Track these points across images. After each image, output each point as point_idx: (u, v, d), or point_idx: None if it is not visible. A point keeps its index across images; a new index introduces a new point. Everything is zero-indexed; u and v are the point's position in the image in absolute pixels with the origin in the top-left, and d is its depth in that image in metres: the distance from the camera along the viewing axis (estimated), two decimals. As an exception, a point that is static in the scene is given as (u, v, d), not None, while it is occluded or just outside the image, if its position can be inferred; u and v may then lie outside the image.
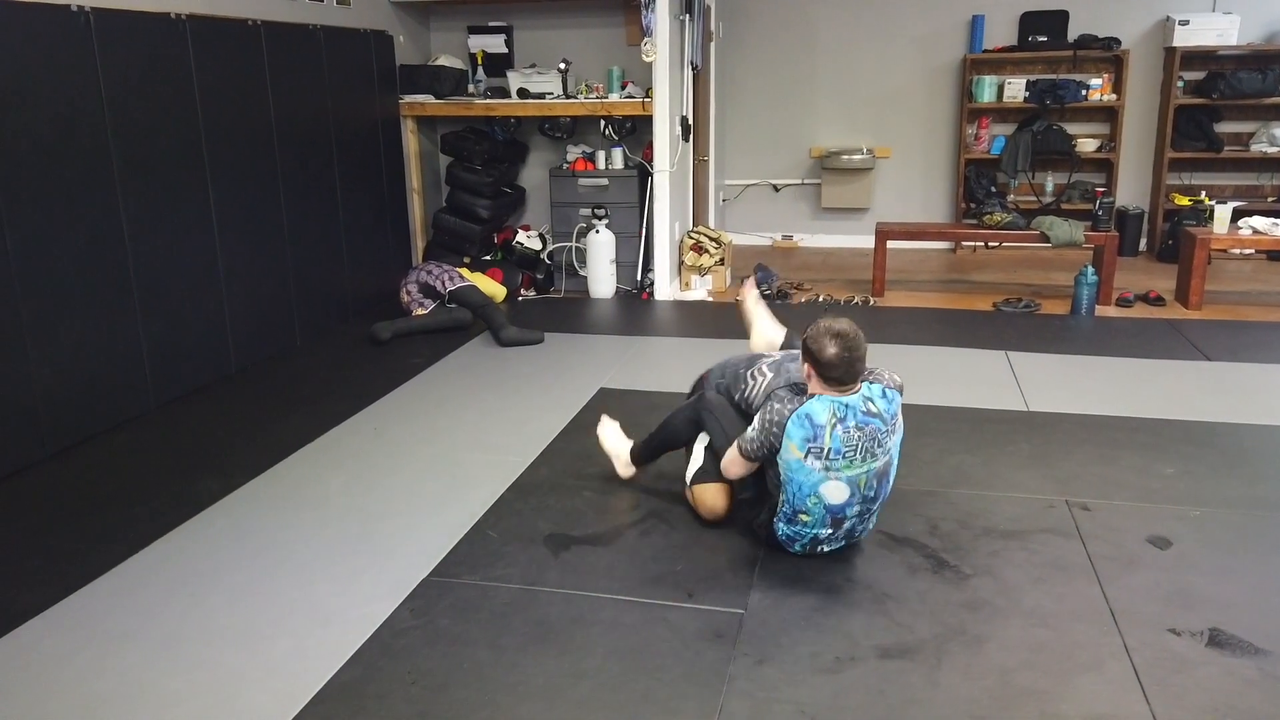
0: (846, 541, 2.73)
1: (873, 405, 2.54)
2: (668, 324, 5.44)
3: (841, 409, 2.51)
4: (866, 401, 2.54)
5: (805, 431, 2.51)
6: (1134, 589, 2.56)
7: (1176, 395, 4.05)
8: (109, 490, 3.28)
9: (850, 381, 2.55)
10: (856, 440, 2.51)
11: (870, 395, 2.56)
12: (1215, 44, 6.71)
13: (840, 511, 2.60)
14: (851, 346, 2.50)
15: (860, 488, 2.57)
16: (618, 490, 3.23)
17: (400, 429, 3.81)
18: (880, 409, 2.55)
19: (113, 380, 3.85)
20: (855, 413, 2.52)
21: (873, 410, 2.53)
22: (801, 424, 2.51)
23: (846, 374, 2.53)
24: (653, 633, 2.40)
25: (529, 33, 6.42)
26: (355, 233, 5.52)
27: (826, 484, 2.54)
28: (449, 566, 2.73)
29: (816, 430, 2.50)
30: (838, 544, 2.71)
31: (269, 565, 2.75)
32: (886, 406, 2.56)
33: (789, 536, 2.69)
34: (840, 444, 2.51)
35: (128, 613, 2.51)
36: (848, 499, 2.57)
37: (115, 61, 3.77)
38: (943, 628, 2.40)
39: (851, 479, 2.55)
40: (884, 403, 2.56)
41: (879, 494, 2.64)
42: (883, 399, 2.57)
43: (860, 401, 2.53)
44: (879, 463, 2.56)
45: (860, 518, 2.66)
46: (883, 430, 2.54)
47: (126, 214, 3.86)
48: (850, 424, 2.51)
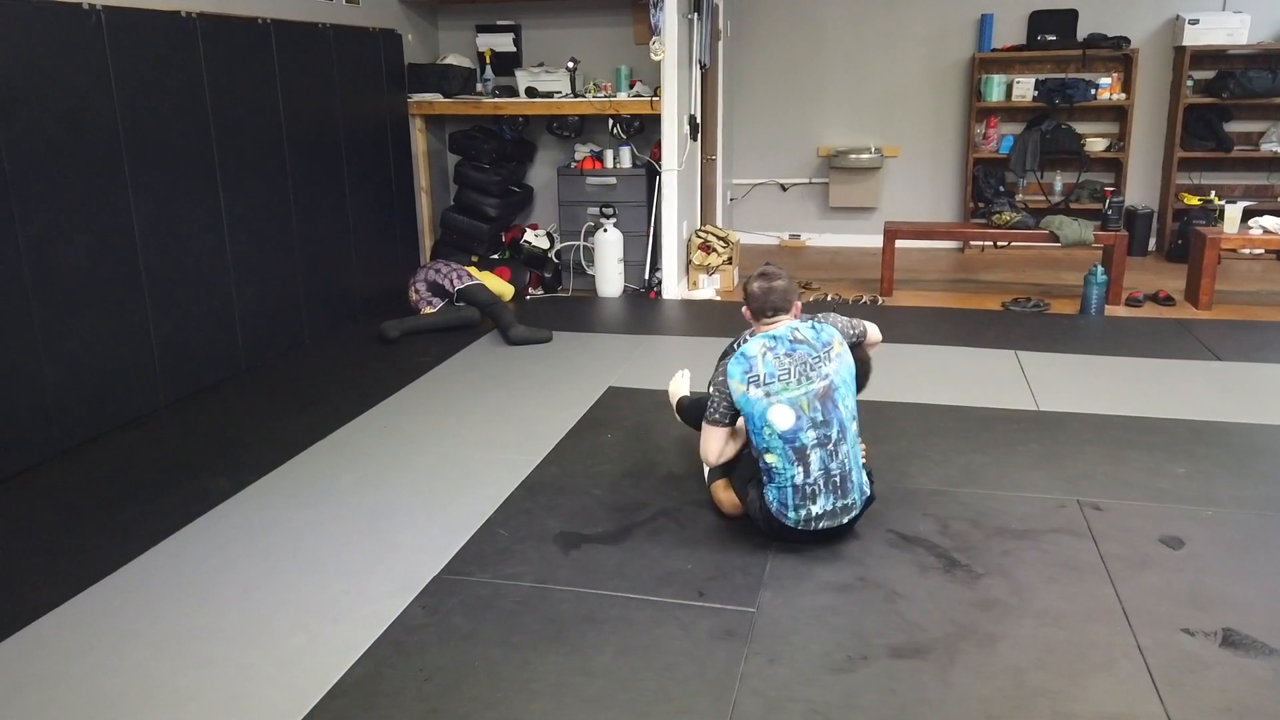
0: (834, 502, 2.71)
1: (799, 333, 2.77)
2: (675, 323, 5.43)
3: (770, 340, 2.76)
4: (794, 331, 2.78)
5: (743, 366, 2.75)
6: (1147, 589, 2.55)
7: (1187, 395, 4.04)
8: (120, 487, 3.29)
9: (776, 313, 2.86)
10: (788, 365, 2.72)
11: (797, 326, 2.81)
12: (1225, 43, 6.68)
13: (794, 438, 2.69)
14: (769, 278, 2.87)
15: (805, 410, 2.69)
16: (627, 489, 3.23)
17: (410, 427, 3.81)
18: (807, 336, 2.77)
19: (123, 378, 3.86)
20: (783, 342, 2.75)
21: (799, 338, 2.76)
22: (739, 361, 2.77)
23: (767, 303, 2.85)
24: (664, 631, 2.39)
25: (537, 31, 6.42)
26: (363, 231, 5.53)
27: (771, 409, 2.70)
28: (460, 564, 2.74)
29: (750, 362, 2.74)
30: (826, 503, 2.71)
31: (280, 562, 2.76)
32: (815, 335, 2.78)
33: (779, 504, 2.73)
34: (773, 368, 2.72)
35: (139, 610, 2.52)
36: (795, 423, 2.69)
37: (126, 60, 3.78)
38: (955, 627, 2.39)
39: (792, 400, 2.70)
40: (811, 332, 2.79)
41: (831, 418, 2.71)
42: (810, 329, 2.80)
43: (787, 332, 2.78)
44: (815, 385, 2.72)
45: (825, 450, 2.70)
46: (812, 355, 2.74)
47: (137, 212, 3.87)
48: (780, 351, 2.74)
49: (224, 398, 4.20)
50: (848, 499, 2.75)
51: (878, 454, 3.43)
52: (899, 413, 3.85)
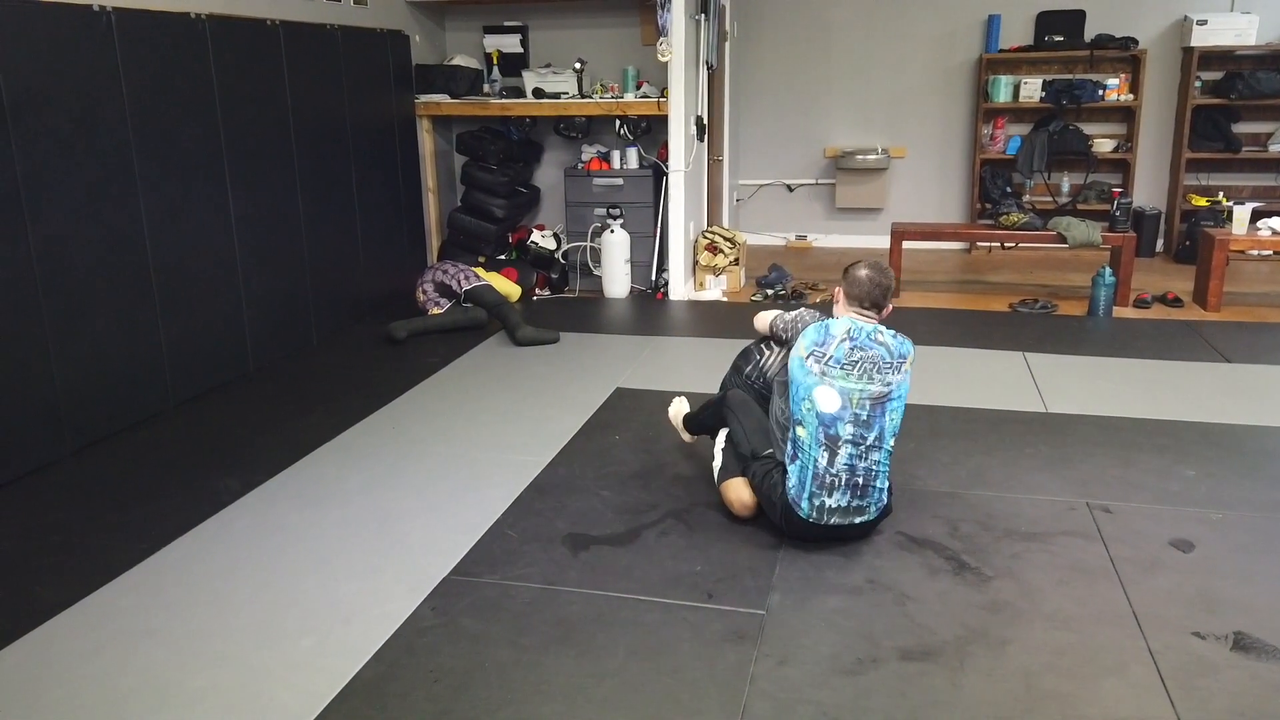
0: (850, 500, 2.73)
1: (882, 336, 2.76)
2: (682, 324, 5.44)
3: (856, 330, 2.75)
4: (878, 332, 2.76)
5: (817, 336, 2.77)
6: (1157, 592, 2.55)
7: (1196, 397, 4.03)
8: (130, 488, 3.30)
9: (872, 307, 2.83)
10: (858, 359, 2.72)
11: (881, 329, 2.79)
12: (1233, 44, 6.67)
13: (832, 425, 2.71)
14: (881, 272, 2.82)
15: (852, 404, 2.71)
16: (636, 490, 3.23)
17: (418, 428, 3.82)
18: (888, 342, 2.75)
19: (133, 378, 3.87)
20: (866, 336, 2.74)
21: (880, 340, 2.75)
22: (818, 330, 2.78)
23: (869, 294, 2.81)
24: (674, 633, 2.40)
25: (544, 32, 6.42)
26: (371, 232, 5.54)
27: (820, 387, 2.72)
28: (469, 565, 2.74)
29: (827, 338, 2.75)
30: (842, 499, 2.72)
31: (290, 563, 2.77)
32: (897, 345, 2.76)
33: (797, 490, 2.74)
34: (842, 356, 2.72)
35: (151, 610, 2.53)
36: (839, 409, 2.71)
37: (136, 61, 3.79)
38: (964, 630, 2.39)
39: (845, 390, 2.71)
40: (894, 340, 2.77)
41: (873, 424, 2.72)
42: (895, 339, 2.78)
43: (874, 329, 2.77)
44: (874, 387, 2.72)
45: (857, 449, 2.71)
46: (885, 361, 2.73)
47: (147, 212, 3.88)
48: (858, 344, 2.73)
49: (232, 398, 4.21)
50: (864, 502, 2.75)
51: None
52: (908, 414, 3.79)
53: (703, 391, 4.13)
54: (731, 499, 2.97)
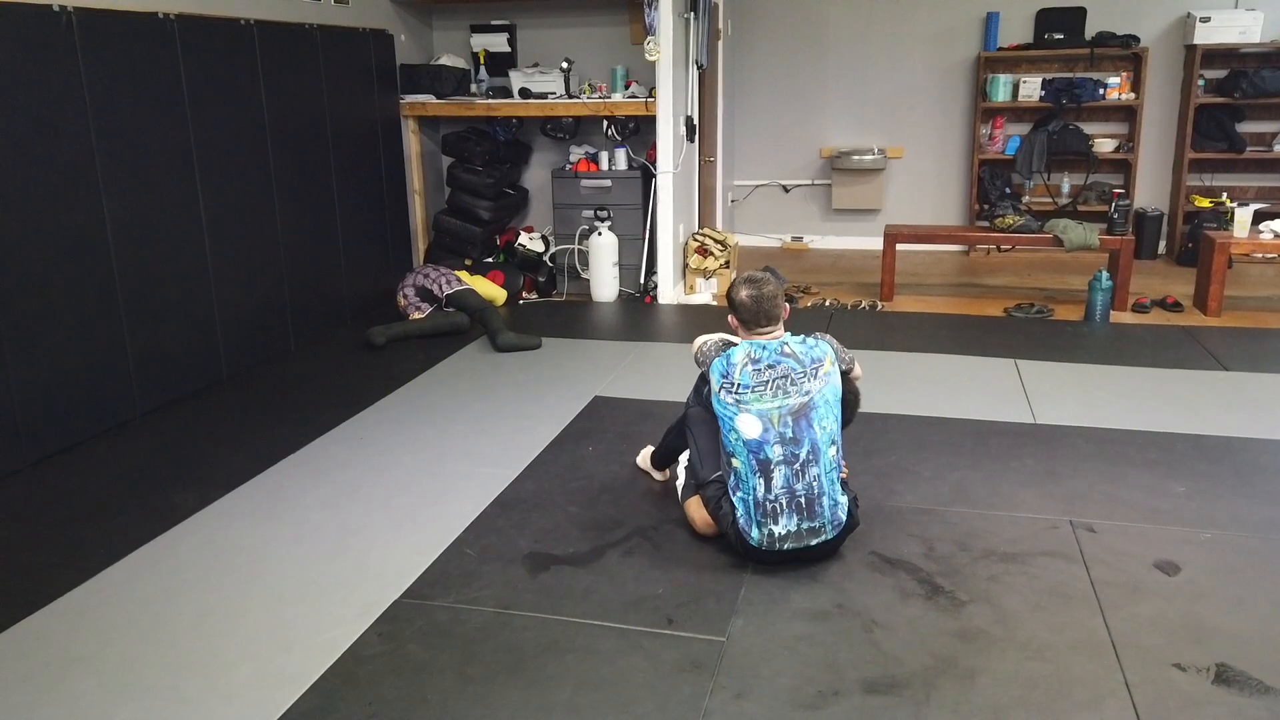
0: (799, 523, 2.61)
1: (789, 348, 2.69)
2: (669, 329, 5.32)
3: (758, 350, 2.69)
4: (783, 345, 2.70)
5: (721, 367, 2.70)
6: (1138, 619, 2.42)
7: (1190, 407, 3.90)
8: (84, 503, 3.21)
9: (766, 324, 2.76)
10: (767, 376, 2.65)
11: (788, 340, 2.72)
12: (1237, 41, 6.52)
13: (759, 449, 2.62)
14: (759, 288, 2.75)
15: (774, 423, 2.62)
16: (604, 506, 3.12)
17: (387, 438, 3.72)
18: (795, 351, 2.69)
19: (96, 387, 3.78)
20: (771, 353, 2.68)
21: (787, 352, 2.68)
22: (721, 362, 2.72)
23: (758, 314, 2.75)
24: (628, 662, 2.29)
25: (532, 31, 6.32)
26: (353, 235, 5.44)
27: (739, 416, 2.65)
28: (423, 587, 2.64)
29: (729, 367, 2.68)
30: (789, 523, 2.61)
31: (238, 584, 2.67)
32: (805, 351, 2.70)
33: (745, 519, 2.65)
34: (749, 380, 2.65)
35: (85, 636, 2.43)
36: (762, 433, 2.62)
37: (99, 63, 3.69)
38: (933, 659, 2.27)
39: (762, 413, 2.63)
40: (802, 347, 2.71)
41: (801, 438, 2.62)
42: (802, 344, 2.71)
43: (778, 344, 2.70)
44: (791, 400, 2.64)
45: (791, 469, 2.61)
46: (797, 371, 2.66)
47: (110, 217, 3.79)
48: (763, 364, 2.66)
49: (202, 407, 4.12)
50: (815, 522, 2.63)
51: (865, 469, 3.31)
52: (890, 425, 3.73)
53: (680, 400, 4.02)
54: (694, 516, 2.88)
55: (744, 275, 2.85)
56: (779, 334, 2.78)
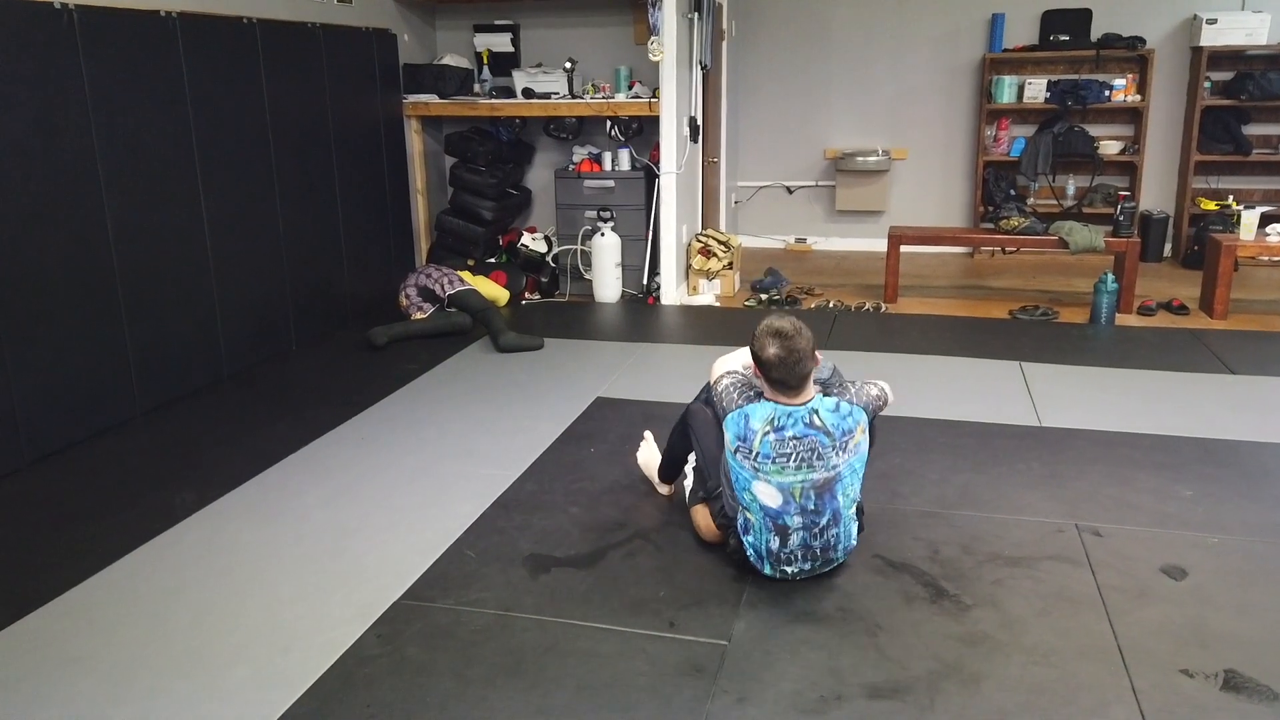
0: (813, 565, 2.56)
1: (818, 418, 2.46)
2: (672, 330, 5.30)
3: (782, 417, 2.45)
4: (813, 414, 2.45)
5: (738, 429, 2.50)
6: (1145, 624, 2.40)
7: (1197, 410, 3.87)
8: (82, 502, 3.19)
9: (795, 386, 2.46)
10: (791, 449, 2.44)
11: (819, 408, 2.47)
12: (1244, 43, 6.49)
13: (779, 517, 2.50)
14: (791, 347, 2.40)
15: (795, 497, 2.47)
16: (606, 507, 3.10)
17: (387, 438, 3.70)
18: (827, 423, 2.46)
19: (97, 386, 3.76)
20: (797, 422, 2.44)
21: (817, 424, 2.45)
22: (737, 422, 2.50)
23: (788, 376, 2.44)
24: (629, 665, 2.26)
25: (535, 31, 6.30)
26: (355, 235, 5.42)
27: (756, 482, 2.49)
28: (422, 588, 2.62)
29: (748, 432, 2.48)
30: (803, 565, 2.56)
31: (237, 585, 2.65)
32: (837, 422, 2.46)
33: (754, 551, 2.58)
34: (770, 450, 2.45)
35: (82, 636, 2.41)
36: (782, 504, 2.48)
37: (100, 61, 3.68)
38: (938, 664, 2.25)
39: (783, 485, 2.47)
40: (834, 417, 2.47)
41: (824, 509, 2.49)
42: (834, 413, 2.47)
43: (806, 413, 2.45)
44: (817, 474, 2.46)
45: (811, 532, 2.51)
46: (825, 445, 2.45)
47: (111, 216, 3.77)
48: (787, 434, 2.44)
49: (203, 406, 4.10)
50: (830, 561, 2.59)
51: (869, 472, 3.23)
52: (895, 427, 3.70)
53: (683, 402, 4.00)
54: (700, 524, 2.82)
55: (771, 325, 2.44)
56: (808, 397, 2.48)
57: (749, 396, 2.54)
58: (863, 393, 2.57)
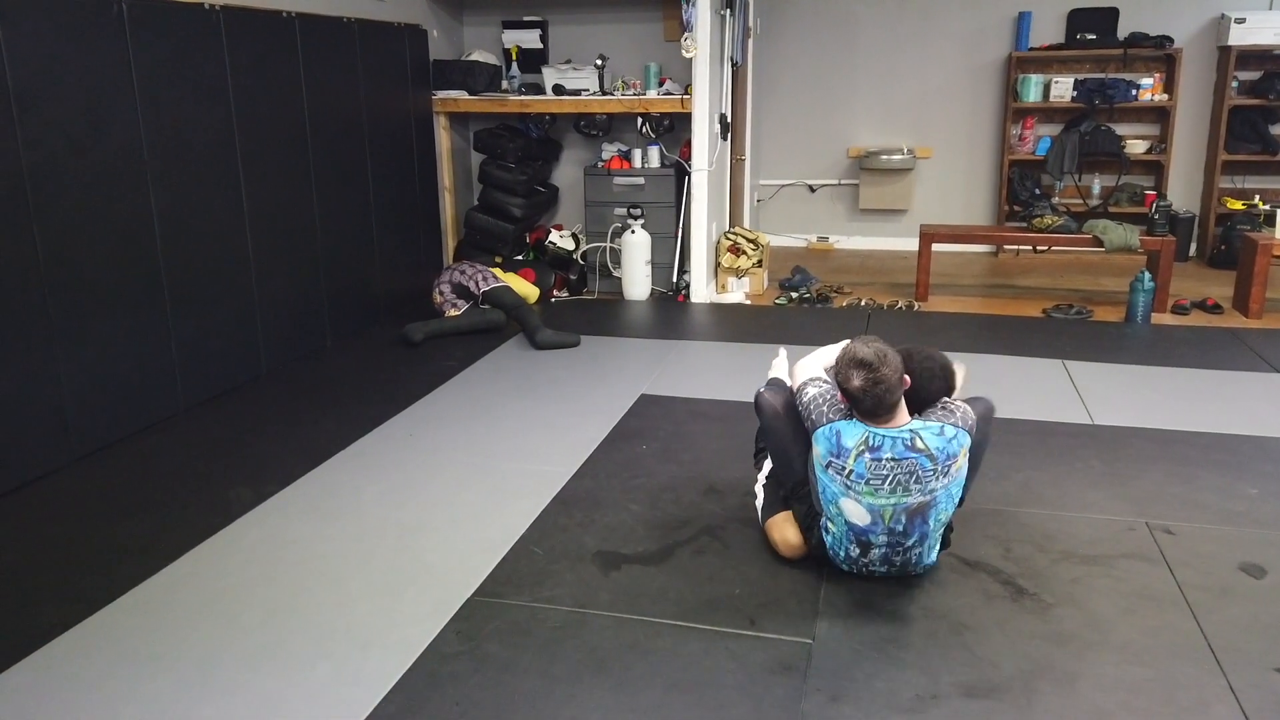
0: (891, 570, 2.52)
1: (920, 440, 2.33)
2: (705, 328, 5.27)
3: (877, 439, 2.35)
4: (914, 437, 2.33)
5: (830, 446, 2.42)
6: (1232, 622, 2.37)
7: (1247, 409, 3.85)
8: (137, 497, 3.15)
9: (884, 414, 2.35)
10: (889, 470, 2.34)
11: (921, 431, 2.34)
12: (1272, 43, 6.47)
13: (864, 535, 2.44)
14: (878, 379, 2.29)
15: (885, 519, 2.39)
16: (667, 504, 3.07)
17: (436, 435, 3.66)
18: (929, 446, 2.33)
19: (142, 381, 3.72)
20: (896, 444, 2.33)
21: (919, 446, 2.33)
22: (828, 439, 2.42)
23: (877, 407, 2.33)
24: (715, 664, 2.23)
25: (565, 28, 6.27)
26: (387, 231, 5.39)
27: (845, 499, 2.42)
28: (494, 585, 2.58)
29: (841, 450, 2.39)
30: (883, 569, 2.52)
31: (304, 581, 2.61)
32: (941, 445, 2.34)
33: (831, 547, 2.54)
34: (865, 470, 2.36)
35: (157, 632, 2.37)
36: (869, 524, 2.41)
37: (148, 53, 3.65)
38: (1029, 663, 2.22)
39: (873, 507, 2.39)
40: (937, 440, 2.34)
41: (912, 531, 2.42)
42: (937, 436, 2.34)
43: (907, 434, 2.34)
44: (912, 499, 2.36)
45: (893, 550, 2.45)
46: (927, 469, 2.33)
47: (158, 210, 3.73)
48: (885, 455, 2.34)
49: (244, 402, 4.06)
50: (912, 572, 2.55)
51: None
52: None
53: (729, 399, 3.98)
54: (776, 540, 2.68)
55: (855, 354, 2.31)
56: (903, 420, 2.36)
57: (841, 411, 2.45)
58: (968, 416, 2.45)
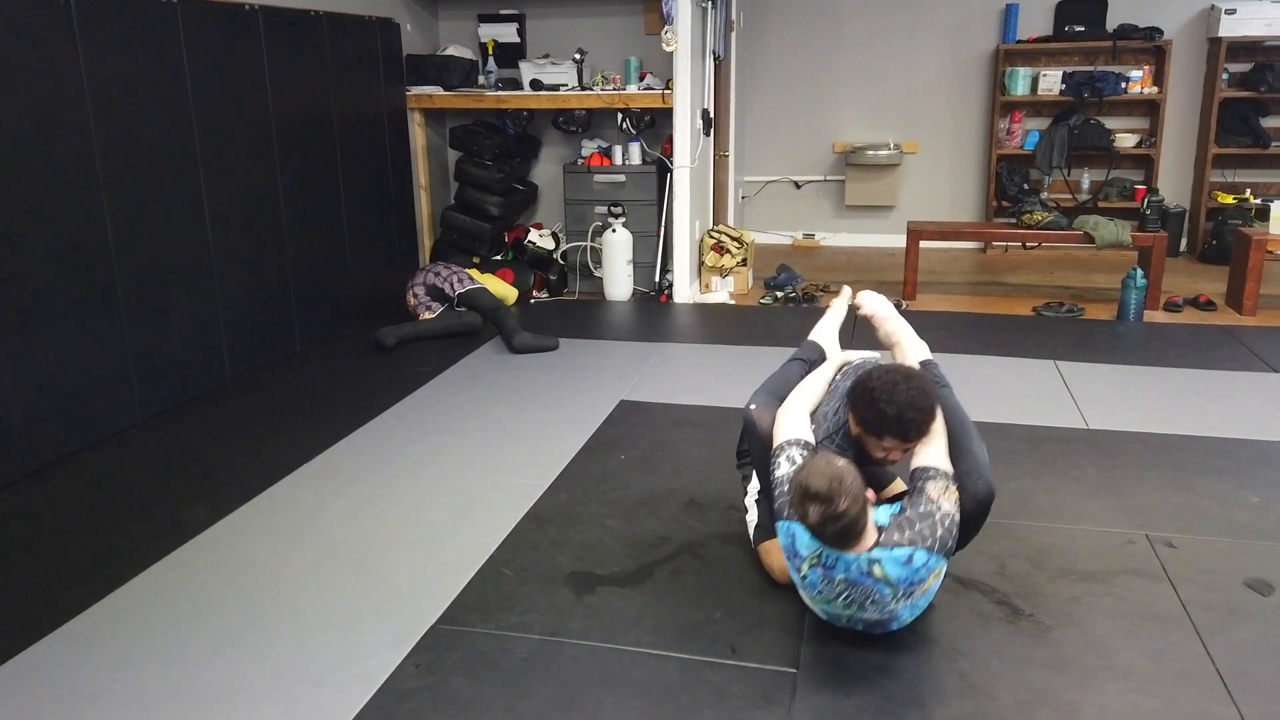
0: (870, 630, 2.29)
1: (879, 569, 2.05)
2: (689, 329, 5.13)
3: (831, 557, 2.09)
4: (873, 564, 2.05)
5: (786, 542, 2.21)
6: (1240, 645, 2.24)
7: (1246, 411, 3.73)
8: (86, 517, 2.99)
9: (844, 547, 2.07)
10: (842, 589, 2.11)
11: (883, 559, 2.05)
12: (1263, 34, 6.36)
13: (830, 622, 2.27)
14: (834, 515, 1.98)
15: (844, 623, 2.21)
16: (645, 519, 2.92)
17: (405, 447, 3.51)
18: (890, 575, 2.05)
19: (95, 392, 3.55)
20: (851, 568, 2.07)
21: (877, 575, 2.06)
22: (787, 534, 2.20)
23: (839, 541, 2.05)
24: (695, 697, 2.09)
25: (542, 21, 6.10)
26: (359, 231, 5.22)
27: (801, 591, 2.26)
28: (459, 612, 2.43)
29: (794, 552, 2.18)
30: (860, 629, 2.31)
31: (258, 609, 2.45)
32: (904, 575, 2.05)
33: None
34: (818, 581, 2.14)
35: (98, 667, 2.21)
36: (828, 619, 2.25)
37: (99, 47, 3.47)
38: (1028, 692, 2.09)
39: (830, 614, 2.21)
40: (901, 570, 2.05)
41: (874, 634, 2.23)
42: (903, 566, 2.05)
43: (865, 562, 2.06)
44: (869, 615, 2.14)
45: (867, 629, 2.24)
46: (886, 595, 2.08)
47: (111, 212, 3.56)
48: (838, 575, 2.09)
49: (206, 412, 3.89)
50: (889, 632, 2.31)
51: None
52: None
53: (711, 405, 3.84)
54: (771, 564, 2.51)
55: (806, 484, 2.01)
56: (867, 545, 2.08)
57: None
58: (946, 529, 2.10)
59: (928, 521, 2.10)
